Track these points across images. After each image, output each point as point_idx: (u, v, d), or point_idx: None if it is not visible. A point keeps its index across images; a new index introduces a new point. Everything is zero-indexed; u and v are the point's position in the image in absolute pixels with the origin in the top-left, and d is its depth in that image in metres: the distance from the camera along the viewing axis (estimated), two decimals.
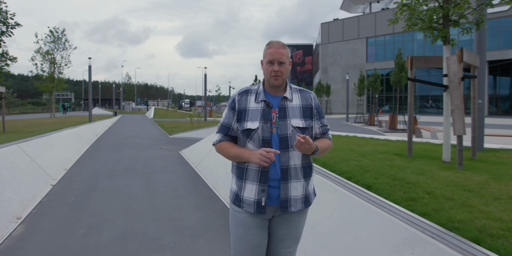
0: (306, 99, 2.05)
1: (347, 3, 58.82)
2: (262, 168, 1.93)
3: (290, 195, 1.96)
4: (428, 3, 5.34)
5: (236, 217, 2.04)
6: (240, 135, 2.00)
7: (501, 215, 2.87)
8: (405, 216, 2.78)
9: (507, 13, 38.15)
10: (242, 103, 2.01)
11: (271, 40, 2.04)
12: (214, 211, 4.98)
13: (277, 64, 1.96)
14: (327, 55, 55.39)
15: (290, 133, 1.94)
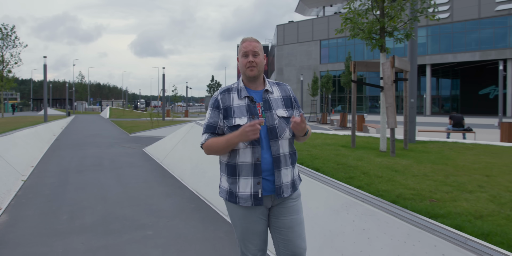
0: (284, 91, 2.19)
1: (301, 6, 60.60)
2: (255, 162, 2.01)
3: (282, 181, 2.06)
4: (368, 17, 6.26)
5: (236, 212, 2.11)
6: (227, 132, 2.05)
7: (415, 186, 3.74)
8: (344, 188, 3.57)
9: (447, 20, 41.14)
10: (225, 101, 2.09)
11: (244, 37, 2.15)
12: (184, 198, 5.58)
13: (251, 55, 2.06)
14: (282, 56, 56.78)
15: (277, 123, 2.05)
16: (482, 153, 6.07)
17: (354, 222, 3.06)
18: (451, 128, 12.65)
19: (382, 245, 2.72)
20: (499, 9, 38.06)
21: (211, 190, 5.52)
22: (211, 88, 55.53)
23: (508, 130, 11.02)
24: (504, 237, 2.45)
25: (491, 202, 3.25)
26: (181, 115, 41.57)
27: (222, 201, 4.94)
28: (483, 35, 39.64)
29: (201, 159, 6.87)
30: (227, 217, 4.60)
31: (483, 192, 3.56)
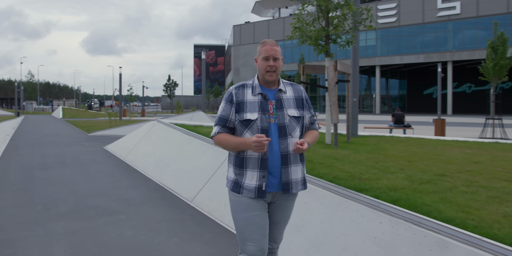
0: (297, 91, 2.27)
1: (257, 7, 61.60)
2: (262, 156, 2.09)
3: (291, 178, 2.14)
4: (315, 25, 7.06)
5: (239, 203, 2.16)
6: (238, 125, 2.15)
7: (349, 170, 4.53)
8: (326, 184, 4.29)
9: (395, 24, 43.57)
10: (239, 96, 2.17)
11: (264, 39, 2.23)
12: (150, 189, 6.09)
13: (272, 60, 2.15)
14: (239, 56, 57.49)
15: (288, 122, 2.14)
16: (412, 144, 7.06)
17: (298, 198, 3.77)
18: (393, 125, 13.90)
19: (319, 213, 3.45)
20: (440, 15, 40.84)
21: (175, 181, 6.07)
22: (168, 87, 55.20)
23: (440, 126, 12.36)
24: (407, 202, 3.25)
25: (406, 180, 4.09)
26: (138, 114, 41.19)
27: (186, 190, 5.54)
28: (426, 39, 42.34)
29: (164, 154, 7.39)
30: (191, 202, 5.18)
31: (402, 173, 4.41)
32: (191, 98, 72.45)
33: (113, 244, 3.76)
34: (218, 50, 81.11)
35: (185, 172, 6.06)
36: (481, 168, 4.80)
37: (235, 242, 3.80)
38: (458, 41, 40.54)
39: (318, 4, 6.84)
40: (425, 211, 3.03)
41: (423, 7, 41.63)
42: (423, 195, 3.54)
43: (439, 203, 3.28)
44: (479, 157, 5.63)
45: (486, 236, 2.56)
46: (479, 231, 2.67)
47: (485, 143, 7.58)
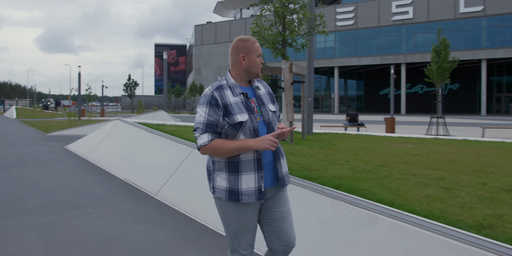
0: (266, 87, 2.30)
1: (219, 7, 61.79)
2: (257, 157, 2.06)
3: (283, 171, 2.18)
4: (272, 30, 7.54)
5: (233, 211, 2.11)
6: (228, 129, 2.05)
7: (301, 162, 5.03)
8: None
9: (352, 27, 45.17)
10: (222, 98, 2.07)
11: (248, 36, 2.22)
12: (115, 184, 6.33)
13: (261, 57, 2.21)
14: (200, 56, 57.44)
15: (271, 117, 2.17)
16: (360, 140, 7.70)
17: None
18: (347, 124, 14.71)
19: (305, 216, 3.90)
20: (394, 19, 42.82)
21: (140, 176, 6.34)
22: (128, 87, 54.28)
23: (390, 124, 13.25)
24: (348, 187, 3.76)
25: (350, 170, 4.63)
26: (97, 114, 40.31)
27: (151, 184, 5.84)
28: (382, 42, 44.24)
29: (128, 151, 7.62)
30: (156, 196, 5.50)
31: (347, 164, 4.96)
32: (152, 98, 71.49)
33: (83, 233, 4.04)
34: (180, 50, 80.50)
35: (150, 168, 6.35)
36: (417, 159, 5.44)
37: (197, 228, 4.18)
38: (411, 44, 42.66)
39: (275, 10, 7.32)
40: (361, 194, 3.55)
41: (379, 11, 43.47)
42: (363, 182, 4.08)
43: (375, 188, 3.82)
44: (417, 150, 6.32)
45: (407, 211, 3.10)
46: (403, 208, 3.21)
47: (426, 139, 8.37)
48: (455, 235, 2.63)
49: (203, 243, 3.76)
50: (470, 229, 2.78)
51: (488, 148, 6.98)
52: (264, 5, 7.56)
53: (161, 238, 3.89)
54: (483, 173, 4.57)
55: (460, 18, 39.71)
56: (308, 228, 3.38)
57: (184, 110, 66.55)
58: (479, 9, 38.60)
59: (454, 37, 40.03)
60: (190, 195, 4.95)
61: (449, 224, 2.86)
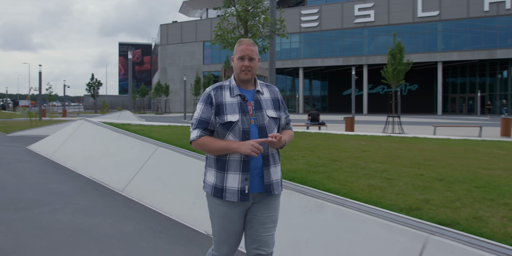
0: (273, 93, 2.27)
1: (185, 7, 61.41)
2: (244, 158, 2.08)
3: (272, 179, 2.15)
4: (235, 33, 7.88)
5: (217, 210, 2.16)
6: (219, 128, 2.11)
7: None
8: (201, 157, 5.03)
9: (317, 29, 46.19)
10: (218, 97, 2.14)
11: (241, 38, 2.23)
12: (81, 182, 6.46)
13: (247, 59, 2.14)
14: (166, 56, 56.93)
15: (267, 123, 2.14)
16: (318, 138, 8.18)
17: None
18: (309, 123, 15.29)
19: None
20: (357, 22, 44.16)
21: (105, 174, 6.51)
22: (91, 86, 53.03)
23: (349, 123, 13.90)
24: (301, 179, 4.16)
25: (304, 164, 5.04)
26: (59, 115, 39.22)
27: (117, 181, 6.03)
28: (345, 43, 45.52)
29: (93, 150, 7.73)
30: (122, 192, 5.70)
31: (303, 159, 5.37)
32: (116, 98, 70.11)
33: (51, 227, 4.22)
34: (145, 49, 79.35)
35: (115, 166, 6.53)
36: (367, 155, 5.93)
37: (163, 220, 4.45)
38: (372, 46, 44.14)
39: (237, 14, 7.67)
40: (312, 185, 3.95)
41: (342, 13, 44.70)
42: (315, 174, 4.49)
43: (325, 179, 4.23)
44: (369, 147, 6.84)
45: (350, 198, 3.51)
46: (347, 195, 3.62)
47: (380, 136, 8.96)
48: (386, 216, 3.06)
49: (168, 233, 4.04)
50: (401, 211, 3.22)
51: (433, 144, 7.61)
52: (227, 8, 7.89)
53: (127, 230, 4.14)
54: (422, 166, 5.09)
55: (418, 22, 41.50)
56: None
57: (150, 110, 65.72)
58: (435, 14, 40.50)
59: (412, 40, 41.82)
60: (156, 190, 5.20)
61: (384, 207, 3.29)
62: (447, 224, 2.96)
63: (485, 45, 39.22)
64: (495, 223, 3.00)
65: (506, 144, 8.03)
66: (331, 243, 3.16)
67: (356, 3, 44.01)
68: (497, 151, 6.82)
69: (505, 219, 3.09)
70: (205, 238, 3.91)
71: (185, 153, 5.51)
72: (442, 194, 3.77)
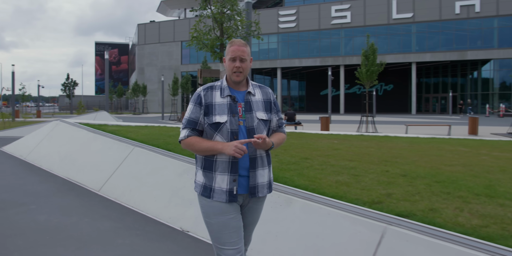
0: (266, 94, 2.26)
1: (163, 6, 60.95)
2: (232, 159, 2.07)
3: (257, 182, 2.13)
4: (211, 34, 8.04)
5: (211, 207, 2.12)
6: (207, 128, 2.12)
7: None
8: (183, 158, 5.16)
9: (294, 29, 46.64)
10: (208, 98, 2.13)
11: (233, 39, 2.26)
12: (57, 183, 6.48)
13: (238, 61, 2.12)
14: (143, 55, 56.40)
15: (256, 125, 2.12)
16: (293, 137, 8.41)
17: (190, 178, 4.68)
18: (285, 122, 15.56)
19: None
20: (334, 23, 44.84)
21: (82, 175, 6.55)
22: (66, 87, 52.00)
23: (325, 123, 14.22)
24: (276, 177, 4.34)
25: (277, 162, 5.24)
26: (33, 115, 38.38)
27: (94, 181, 6.09)
28: (322, 44, 46.14)
29: (70, 151, 7.73)
30: (98, 192, 5.77)
31: (275, 158, 5.57)
32: (92, 98, 68.95)
33: (27, 227, 4.27)
34: (122, 49, 78.34)
35: (92, 166, 6.58)
36: (338, 153, 6.18)
37: (139, 218, 4.56)
38: (349, 47, 44.89)
39: (213, 16, 7.82)
40: (283, 181, 4.14)
41: (319, 15, 45.29)
42: (286, 171, 4.69)
43: (295, 176, 4.44)
44: (341, 145, 7.10)
45: (318, 193, 3.72)
46: (315, 191, 3.83)
47: (352, 135, 9.26)
48: (350, 209, 3.28)
49: (144, 230, 4.16)
50: (363, 205, 3.45)
51: (402, 142, 7.94)
52: (203, 11, 8.03)
53: (104, 228, 4.24)
54: (389, 163, 5.37)
55: (393, 23, 42.46)
56: None
57: (127, 110, 64.93)
58: (409, 15, 41.53)
59: (388, 41, 42.77)
60: (132, 190, 5.30)
61: (349, 202, 3.51)
62: (405, 216, 3.20)
63: (457, 47, 40.49)
64: (448, 214, 3.26)
65: (470, 142, 8.45)
66: (299, 235, 3.35)
67: (333, 4, 44.70)
68: (460, 148, 7.20)
69: (457, 210, 3.36)
70: (180, 234, 4.05)
71: (162, 153, 5.64)
72: (404, 188, 4.03)
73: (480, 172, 4.87)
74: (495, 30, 39.10)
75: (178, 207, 4.47)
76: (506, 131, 15.28)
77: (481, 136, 13.05)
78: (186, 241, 3.86)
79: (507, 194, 3.84)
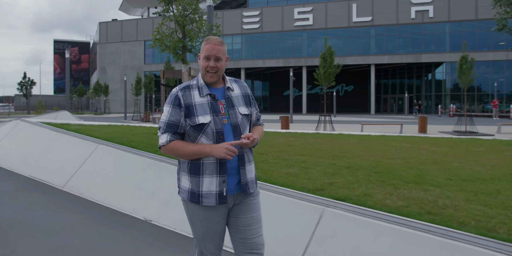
0: (243, 88, 2.20)
1: (125, 5, 59.95)
2: (220, 160, 2.00)
3: (247, 178, 2.10)
4: (174, 37, 8.35)
5: (198, 214, 2.08)
6: (190, 131, 2.03)
7: None
8: (149, 154, 5.48)
9: (258, 30, 47.25)
10: (186, 98, 2.04)
11: (209, 36, 2.11)
12: (20, 181, 6.58)
13: (213, 60, 2.03)
14: (105, 54, 55.29)
15: (240, 120, 2.07)
16: None
17: (153, 172, 5.01)
18: None
19: (169, 183, 4.74)
20: (296, 25, 45.83)
21: (45, 172, 6.68)
22: (23, 86, 50.15)
23: (285, 122, 14.80)
24: None
25: None
26: None
27: (58, 178, 6.27)
28: (285, 45, 47.04)
29: (32, 150, 7.81)
30: (63, 188, 5.96)
31: None
32: (51, 98, 66.71)
33: None
34: (82, 47, 76.27)
35: (56, 164, 6.74)
36: (292, 149, 6.68)
37: (104, 210, 4.84)
38: (311, 49, 46.03)
39: (175, 19, 8.13)
40: None
41: (283, 16, 46.16)
42: None
43: None
44: (296, 142, 7.61)
45: (269, 183, 4.16)
46: (266, 181, 4.27)
47: (309, 133, 9.83)
48: (295, 195, 3.74)
49: (109, 220, 4.46)
50: (308, 192, 3.93)
51: (353, 139, 8.57)
52: (166, 13, 8.33)
53: (70, 219, 4.49)
54: (337, 157, 5.91)
55: (353, 26, 43.98)
56: None
57: (88, 110, 63.36)
58: (368, 19, 43.16)
59: (348, 43, 44.24)
60: (97, 185, 5.56)
61: (295, 189, 3.98)
62: (342, 199, 3.69)
63: (412, 50, 42.51)
64: (379, 198, 3.79)
65: (415, 138, 9.21)
66: None
67: (295, 6, 45.71)
68: (404, 144, 7.89)
69: (387, 195, 3.90)
70: (144, 223, 4.38)
71: (125, 150, 5.92)
72: (346, 178, 4.55)
73: (414, 164, 5.50)
74: (447, 34, 41.39)
75: (142, 199, 4.79)
76: (452, 129, 16.45)
77: (429, 134, 14.04)
78: (149, 229, 4.20)
79: (432, 181, 4.44)
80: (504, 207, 3.54)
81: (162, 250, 3.63)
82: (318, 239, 3.25)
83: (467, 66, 14.64)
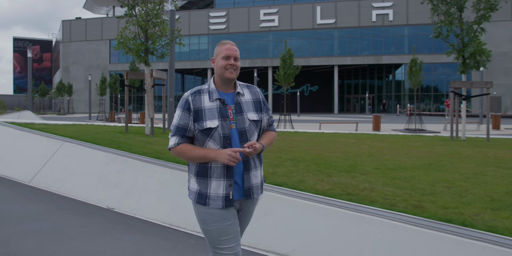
0: (255, 94, 2.21)
1: (90, 3, 58.83)
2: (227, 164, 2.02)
3: (252, 183, 2.12)
4: (137, 40, 8.78)
5: (209, 214, 2.08)
6: (198, 135, 2.06)
7: (156, 149, 6.44)
8: (115, 151, 5.94)
9: (225, 31, 47.72)
10: (196, 103, 2.07)
11: (223, 40, 2.18)
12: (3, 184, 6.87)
13: (233, 59, 2.09)
14: (68, 53, 54.15)
15: (248, 126, 2.08)
16: None
17: (116, 166, 5.49)
18: None
19: (130, 176, 5.24)
20: (262, 26, 46.64)
21: (11, 169, 6.95)
22: None
23: None
24: (185, 162, 5.31)
25: None
26: None
27: (24, 174, 6.61)
28: (252, 46, 47.75)
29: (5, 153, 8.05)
30: (29, 183, 6.31)
31: None
32: (11, 98, 64.51)
33: None
34: (44, 45, 74.12)
35: (21, 161, 7.05)
36: None
37: (69, 201, 5.28)
38: (277, 50, 46.88)
39: (138, 24, 8.57)
40: None
41: (249, 17, 46.84)
42: None
43: None
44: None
45: None
46: None
47: None
48: None
49: (74, 209, 4.91)
50: None
51: (306, 136, 9.29)
52: (129, 18, 8.75)
53: (38, 210, 4.91)
54: (285, 151, 6.57)
55: (318, 28, 45.25)
56: (153, 188, 4.83)
57: (51, 110, 61.75)
58: (331, 21, 44.54)
59: (312, 45, 45.46)
60: (62, 179, 5.97)
61: None
62: (279, 185, 4.33)
63: (373, 51, 44.25)
64: (311, 183, 4.46)
65: (363, 135, 10.05)
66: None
67: (261, 8, 46.52)
68: (351, 140, 8.68)
69: (319, 181, 4.58)
70: (107, 211, 4.87)
71: (89, 146, 6.35)
72: (287, 168, 5.21)
73: (352, 157, 6.24)
74: (406, 37, 43.36)
75: (105, 190, 5.27)
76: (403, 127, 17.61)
77: (382, 131, 15.05)
78: (111, 215, 4.70)
79: (361, 170, 5.17)
80: (411, 188, 4.29)
81: (123, 232, 4.15)
82: (254, 217, 3.86)
83: (416, 68, 15.77)
